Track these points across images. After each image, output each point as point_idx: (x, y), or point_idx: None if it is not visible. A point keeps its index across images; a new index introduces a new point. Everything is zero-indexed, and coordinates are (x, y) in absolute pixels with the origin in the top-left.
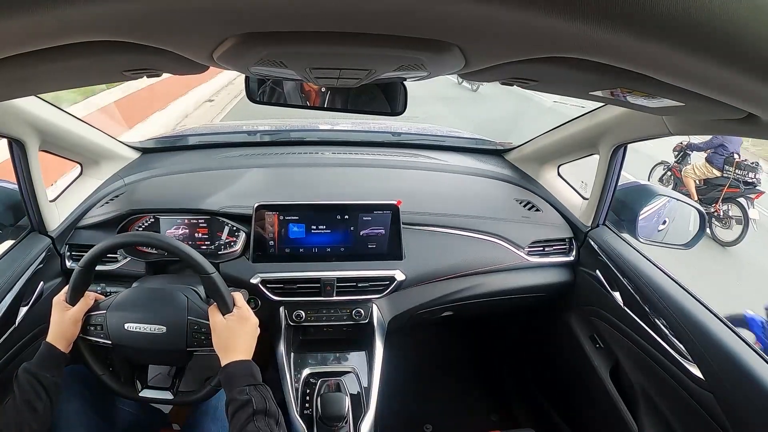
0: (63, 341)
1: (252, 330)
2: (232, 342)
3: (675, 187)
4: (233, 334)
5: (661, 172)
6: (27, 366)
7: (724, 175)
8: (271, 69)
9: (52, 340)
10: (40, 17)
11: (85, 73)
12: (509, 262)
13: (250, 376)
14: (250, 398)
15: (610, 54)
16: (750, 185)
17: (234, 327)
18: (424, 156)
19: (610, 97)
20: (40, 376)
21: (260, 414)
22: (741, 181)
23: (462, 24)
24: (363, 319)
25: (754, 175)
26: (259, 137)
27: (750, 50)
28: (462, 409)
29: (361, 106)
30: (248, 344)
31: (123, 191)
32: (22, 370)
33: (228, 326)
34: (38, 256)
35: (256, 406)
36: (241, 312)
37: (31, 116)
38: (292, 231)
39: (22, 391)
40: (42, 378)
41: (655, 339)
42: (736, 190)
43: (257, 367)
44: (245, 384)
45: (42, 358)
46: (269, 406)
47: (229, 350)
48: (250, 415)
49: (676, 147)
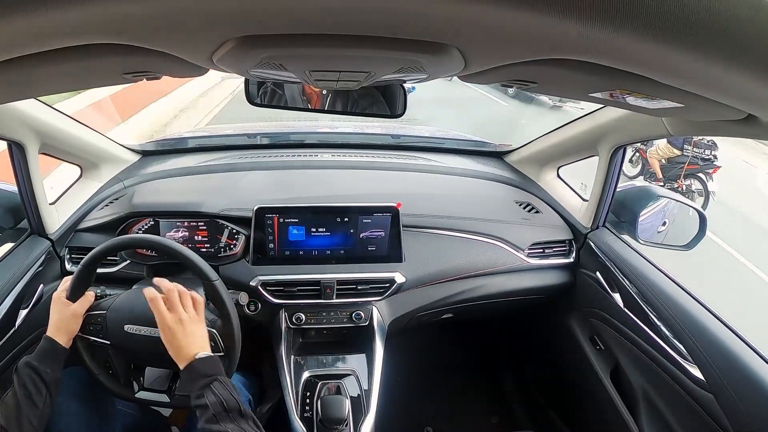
0: (63, 336)
1: (187, 323)
2: (174, 344)
3: (642, 168)
4: (168, 341)
5: (630, 154)
6: (28, 360)
7: (684, 153)
8: (270, 72)
9: (53, 335)
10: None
11: (85, 75)
12: (509, 264)
13: (201, 376)
14: (206, 402)
15: (610, 56)
16: (707, 161)
17: (164, 332)
18: (423, 158)
19: (609, 98)
20: (40, 370)
21: (221, 414)
22: (699, 158)
23: (461, 26)
24: (363, 321)
25: (711, 152)
26: (259, 140)
27: (750, 51)
28: (462, 411)
29: (361, 108)
30: (190, 340)
31: (123, 194)
32: (22, 364)
33: (163, 336)
34: (38, 259)
35: (213, 408)
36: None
37: (30, 119)
38: (291, 233)
39: (22, 386)
40: (42, 373)
41: (655, 340)
42: (695, 166)
43: (207, 358)
44: (199, 388)
45: (43, 352)
46: (227, 402)
47: (177, 356)
48: (212, 417)
49: None
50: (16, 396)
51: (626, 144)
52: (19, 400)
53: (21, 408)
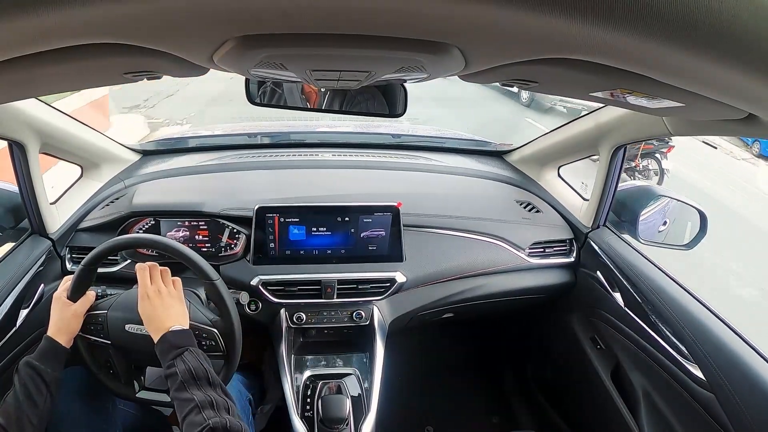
0: (64, 336)
1: (165, 296)
2: (150, 315)
3: None
4: (145, 313)
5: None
6: (28, 359)
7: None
8: (271, 71)
9: (53, 335)
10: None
11: (85, 75)
12: (510, 264)
13: (173, 347)
14: (175, 371)
15: (611, 55)
16: (662, 141)
17: (143, 302)
18: (424, 157)
19: (610, 98)
20: (41, 370)
21: (189, 382)
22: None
23: (462, 25)
24: (364, 320)
25: None
26: (259, 139)
27: (752, 50)
28: (463, 410)
29: (362, 107)
30: (167, 312)
31: (123, 193)
32: (23, 363)
33: (141, 306)
34: (38, 259)
35: (182, 376)
36: (140, 282)
37: (31, 118)
38: (292, 233)
39: (23, 385)
40: (43, 372)
41: (656, 340)
42: (651, 147)
43: (180, 330)
44: (170, 358)
45: (43, 352)
46: (195, 370)
47: (152, 327)
48: (180, 385)
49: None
50: (16, 396)
51: (627, 143)
52: (19, 399)
53: (21, 407)
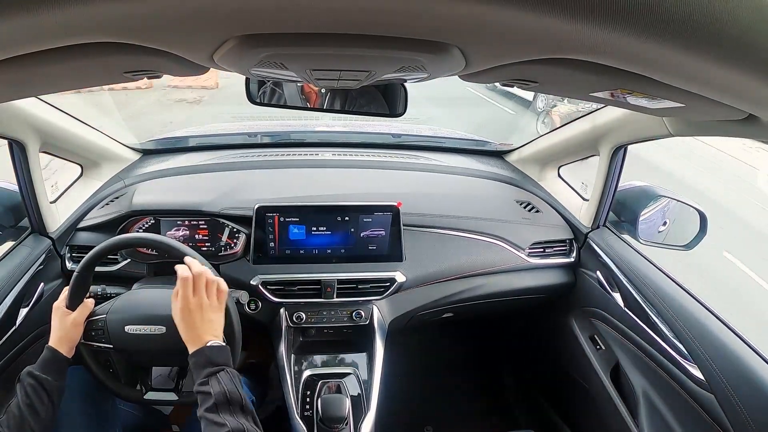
0: (65, 345)
1: (196, 305)
2: (183, 330)
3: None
4: (180, 321)
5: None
6: (30, 370)
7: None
8: (271, 70)
9: (55, 345)
10: (42, 18)
11: (86, 74)
12: (510, 264)
13: (209, 364)
14: (209, 390)
15: (611, 55)
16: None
17: (177, 315)
18: (424, 157)
19: (610, 98)
20: (43, 380)
21: (222, 405)
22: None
23: (462, 25)
24: (363, 320)
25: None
26: (260, 138)
27: (751, 51)
28: (463, 410)
29: (362, 107)
30: (198, 324)
31: (123, 192)
32: (25, 373)
33: (180, 315)
34: (38, 258)
35: (216, 398)
36: (181, 293)
37: (31, 117)
38: (292, 232)
39: (25, 395)
40: (45, 382)
41: (655, 340)
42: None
43: (219, 347)
44: (205, 375)
45: (45, 362)
46: (230, 394)
47: (189, 339)
48: (212, 407)
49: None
50: (19, 406)
51: (627, 144)
52: (22, 409)
53: (24, 417)
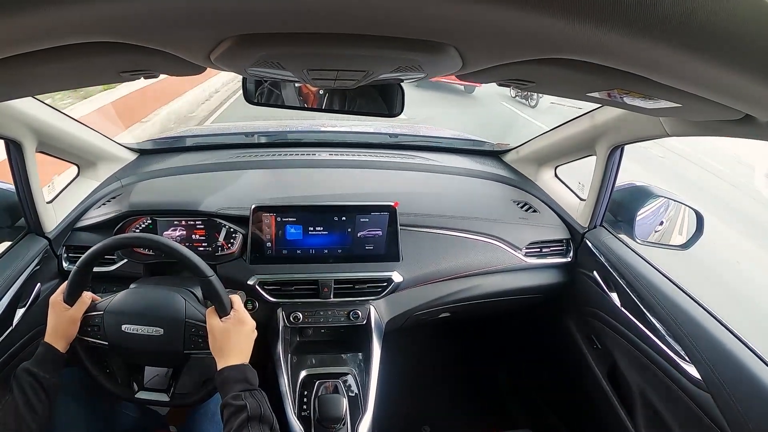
0: (61, 341)
1: (249, 333)
2: (228, 345)
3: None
4: (229, 337)
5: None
6: (26, 366)
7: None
8: (268, 70)
9: (51, 340)
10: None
11: (82, 74)
12: (506, 264)
13: (245, 381)
14: (245, 404)
15: (608, 55)
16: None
17: (230, 330)
18: (421, 157)
19: (607, 98)
20: (39, 376)
21: (254, 420)
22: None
23: (459, 25)
24: (360, 320)
25: None
26: (257, 138)
27: (749, 51)
28: (460, 410)
29: (359, 107)
30: (245, 347)
31: (120, 193)
32: (21, 370)
33: (225, 329)
34: (35, 258)
35: (251, 412)
36: (238, 315)
37: (28, 117)
38: (289, 232)
39: (21, 392)
40: (41, 379)
41: (652, 340)
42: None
43: (253, 371)
44: (240, 389)
45: (41, 358)
46: (264, 411)
47: (225, 353)
48: (244, 420)
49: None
50: (15, 402)
51: (624, 144)
52: (18, 406)
53: (21, 414)
